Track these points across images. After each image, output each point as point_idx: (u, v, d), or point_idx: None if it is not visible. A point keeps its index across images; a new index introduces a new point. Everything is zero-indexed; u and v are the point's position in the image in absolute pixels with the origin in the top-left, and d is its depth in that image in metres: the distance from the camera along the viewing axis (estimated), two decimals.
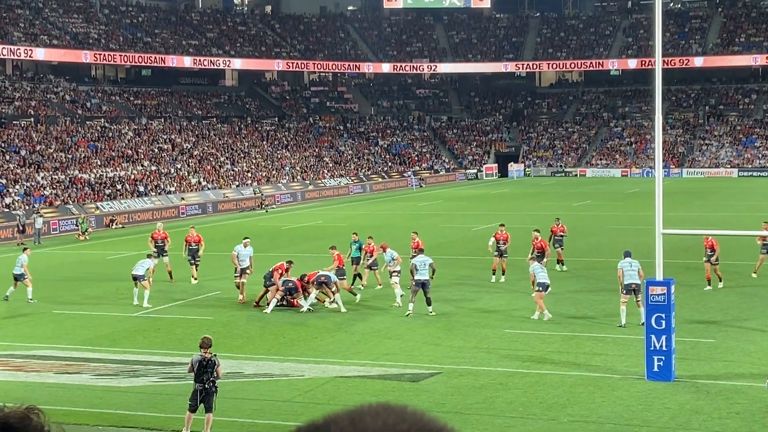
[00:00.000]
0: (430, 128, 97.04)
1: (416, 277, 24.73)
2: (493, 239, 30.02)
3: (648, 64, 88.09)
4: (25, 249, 30.07)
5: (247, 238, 28.46)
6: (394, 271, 26.56)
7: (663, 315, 18.17)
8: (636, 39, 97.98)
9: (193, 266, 31.14)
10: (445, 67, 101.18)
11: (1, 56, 68.79)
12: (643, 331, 18.62)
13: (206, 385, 15.18)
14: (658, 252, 18.45)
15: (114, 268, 32.91)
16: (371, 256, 28.58)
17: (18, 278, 28.25)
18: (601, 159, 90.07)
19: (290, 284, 25.83)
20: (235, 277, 27.70)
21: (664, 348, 18.17)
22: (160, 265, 30.97)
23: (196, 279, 31.06)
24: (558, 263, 31.44)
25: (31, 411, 1.77)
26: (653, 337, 18.21)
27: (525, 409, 16.98)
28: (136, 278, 26.80)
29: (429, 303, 24.80)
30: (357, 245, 29.51)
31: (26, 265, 28.25)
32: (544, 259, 27.22)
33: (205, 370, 15.18)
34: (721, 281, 27.86)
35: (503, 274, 29.88)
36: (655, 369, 18.25)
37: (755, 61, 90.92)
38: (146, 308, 26.42)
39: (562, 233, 31.85)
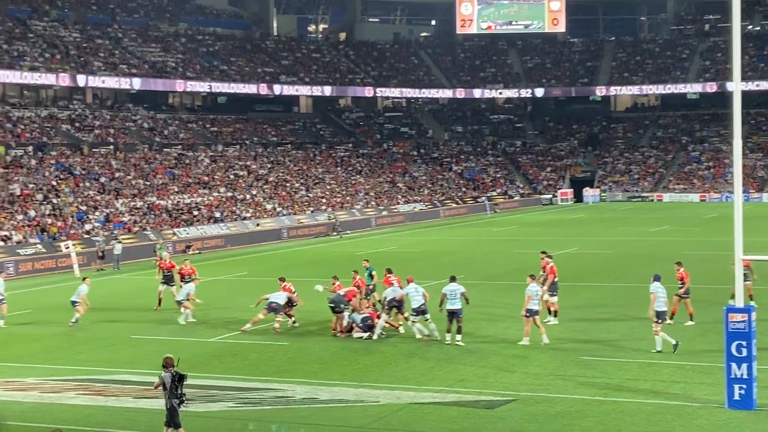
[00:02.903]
0: (504, 153, 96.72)
1: (448, 307, 24.43)
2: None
3: (725, 88, 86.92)
4: (84, 279, 30.60)
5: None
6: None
7: (744, 342, 17.81)
8: (714, 62, 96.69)
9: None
10: (519, 92, 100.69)
11: (82, 85, 70.10)
12: (723, 358, 18.26)
13: (181, 398, 15.33)
14: (738, 278, 18.12)
15: None
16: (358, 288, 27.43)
17: (73, 304, 29.04)
18: (678, 184, 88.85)
19: (369, 321, 25.82)
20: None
21: (745, 376, 17.81)
22: (167, 294, 31.74)
23: (198, 300, 30.37)
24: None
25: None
26: (734, 364, 17.86)
27: None
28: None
29: (459, 332, 24.42)
30: (368, 272, 29.09)
31: (84, 295, 29.02)
32: (545, 287, 26.44)
33: (179, 383, 15.29)
34: (692, 318, 26.38)
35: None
36: (736, 397, 17.89)
37: None
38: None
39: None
